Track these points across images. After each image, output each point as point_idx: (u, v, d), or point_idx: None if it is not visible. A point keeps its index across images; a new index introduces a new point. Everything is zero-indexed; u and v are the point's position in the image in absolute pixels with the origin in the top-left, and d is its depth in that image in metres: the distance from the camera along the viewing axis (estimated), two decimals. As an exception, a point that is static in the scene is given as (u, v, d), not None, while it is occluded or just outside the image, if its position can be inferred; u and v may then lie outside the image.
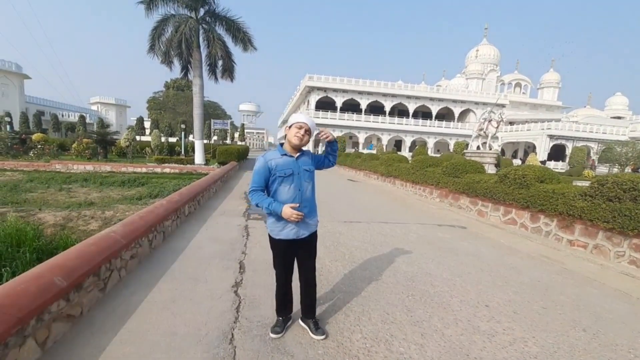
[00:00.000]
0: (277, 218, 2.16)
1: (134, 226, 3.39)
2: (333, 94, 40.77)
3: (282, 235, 2.17)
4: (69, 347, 2.04)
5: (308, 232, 2.22)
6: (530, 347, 2.34)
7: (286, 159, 2.16)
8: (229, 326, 2.36)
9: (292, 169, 2.14)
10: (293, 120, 2.15)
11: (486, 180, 7.21)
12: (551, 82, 56.65)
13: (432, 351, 2.21)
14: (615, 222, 4.45)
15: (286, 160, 2.16)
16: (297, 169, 2.16)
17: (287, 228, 2.16)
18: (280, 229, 2.17)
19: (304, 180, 2.18)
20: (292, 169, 2.14)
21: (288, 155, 2.17)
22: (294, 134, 2.13)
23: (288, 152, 2.18)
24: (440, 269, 3.85)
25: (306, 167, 2.21)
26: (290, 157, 2.17)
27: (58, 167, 15.87)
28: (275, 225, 2.18)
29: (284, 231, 2.16)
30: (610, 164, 30.70)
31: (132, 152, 20.88)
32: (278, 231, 2.18)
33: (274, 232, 2.20)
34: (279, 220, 2.16)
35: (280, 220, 2.15)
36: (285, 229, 2.16)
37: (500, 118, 17.43)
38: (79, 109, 53.88)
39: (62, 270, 2.23)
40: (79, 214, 7.48)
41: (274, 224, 2.18)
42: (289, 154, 2.18)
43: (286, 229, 2.16)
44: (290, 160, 2.16)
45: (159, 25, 16.00)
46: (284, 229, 2.16)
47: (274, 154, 2.19)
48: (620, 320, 2.85)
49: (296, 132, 2.12)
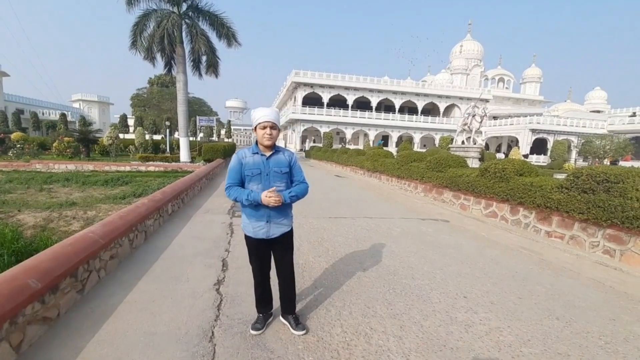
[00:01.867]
0: (248, 215, 2.16)
1: (114, 226, 3.34)
2: (320, 89, 40.69)
3: (252, 233, 2.18)
4: (45, 349, 2.01)
5: (279, 232, 2.21)
6: (505, 336, 2.42)
7: (256, 158, 2.14)
8: (210, 324, 2.36)
9: (260, 168, 2.13)
10: (256, 121, 2.11)
11: (468, 174, 7.35)
12: (533, 77, 57.85)
13: (410, 343, 2.26)
14: (589, 214, 4.61)
15: (255, 159, 2.14)
16: (265, 169, 2.13)
17: (257, 227, 2.15)
18: (252, 227, 2.17)
19: (273, 181, 2.14)
20: (259, 168, 2.12)
21: (260, 154, 2.15)
22: (262, 136, 2.11)
23: (260, 151, 2.16)
24: (422, 262, 3.92)
25: (277, 169, 2.16)
26: (261, 156, 2.15)
27: (38, 167, 15.39)
28: (246, 223, 2.20)
29: (254, 230, 2.17)
30: (589, 157, 31.67)
31: (115, 151, 20.41)
32: (250, 229, 2.18)
33: (247, 229, 2.21)
34: (250, 218, 2.16)
35: (250, 218, 2.16)
36: (256, 228, 2.16)
37: (483, 113, 17.74)
38: (60, 107, 52.12)
39: (37, 272, 2.19)
40: (60, 214, 7.30)
41: (246, 221, 2.19)
42: (260, 153, 2.16)
43: (256, 227, 2.16)
44: (259, 159, 2.14)
45: (141, 20, 15.63)
46: (254, 228, 2.16)
47: (246, 151, 2.18)
48: (592, 308, 2.96)
49: (263, 134, 2.10)
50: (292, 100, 45.40)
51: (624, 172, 4.51)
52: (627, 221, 4.13)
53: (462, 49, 56.98)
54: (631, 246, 4.16)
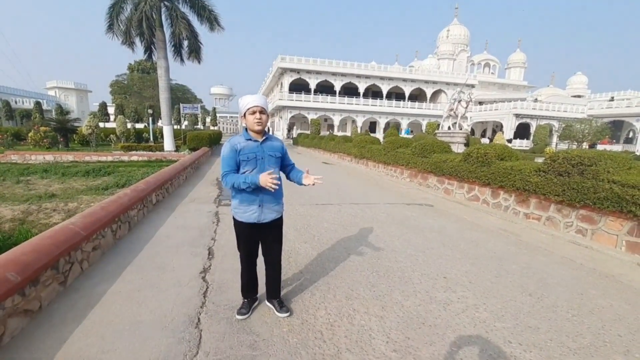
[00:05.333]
0: (240, 200, 2.18)
1: (95, 217, 3.29)
2: (307, 75, 40.13)
3: (243, 218, 2.20)
4: (27, 341, 2.01)
5: (271, 217, 2.25)
6: (481, 312, 2.55)
7: (250, 143, 2.16)
8: (196, 311, 2.40)
9: (256, 153, 2.15)
10: (244, 107, 2.12)
11: (452, 159, 7.49)
12: (518, 62, 58.50)
13: (390, 322, 2.36)
14: (564, 195, 4.80)
15: (250, 144, 2.16)
16: (260, 154, 2.17)
17: (249, 212, 2.18)
18: (243, 211, 2.19)
19: (268, 165, 2.18)
20: (255, 153, 2.15)
21: (253, 140, 2.17)
22: (252, 121, 2.12)
23: (252, 137, 2.18)
24: (405, 245, 4.04)
25: (271, 153, 2.21)
26: (254, 142, 2.17)
27: (14, 158, 14.85)
28: (238, 208, 2.21)
29: (245, 214, 2.19)
30: (569, 140, 32.55)
31: (95, 140, 19.82)
32: (241, 213, 2.20)
33: (237, 214, 2.23)
34: (242, 203, 2.18)
35: (243, 202, 2.18)
36: (247, 212, 2.19)
37: (469, 98, 17.94)
38: (34, 95, 49.85)
39: (16, 265, 2.16)
40: (40, 207, 7.12)
41: (237, 205, 2.21)
42: (253, 139, 2.18)
43: (248, 212, 2.18)
44: (254, 144, 2.17)
45: (117, 2, 14.96)
46: (245, 212, 2.19)
47: (239, 138, 2.19)
48: (563, 284, 3.13)
49: (253, 119, 2.12)
50: (278, 87, 44.73)
51: (597, 155, 4.69)
52: (598, 202, 4.32)
53: (448, 34, 56.86)
54: (601, 225, 4.37)
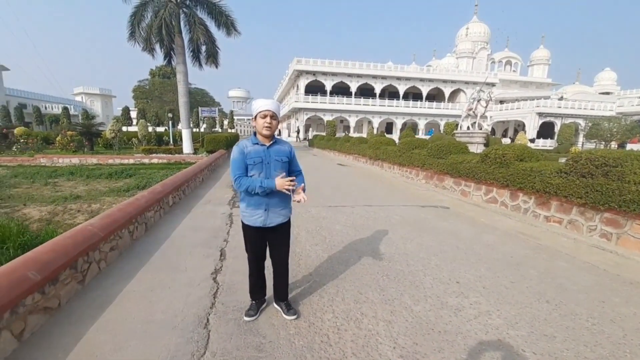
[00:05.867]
0: (247, 203, 2.21)
1: (112, 218, 3.41)
2: (322, 77, 40.23)
3: (250, 221, 2.23)
4: (46, 337, 2.10)
5: (277, 221, 2.26)
6: (493, 319, 2.47)
7: (257, 147, 2.19)
8: (205, 312, 2.44)
9: (262, 157, 2.17)
10: (256, 110, 2.15)
11: (469, 160, 7.31)
12: (541, 59, 56.58)
13: (399, 327, 2.32)
14: (588, 198, 4.59)
15: (257, 148, 2.18)
16: (267, 158, 2.18)
17: (255, 215, 2.21)
18: (249, 215, 2.22)
19: (274, 169, 2.19)
20: (261, 157, 2.17)
21: (260, 144, 2.20)
22: (262, 125, 2.14)
23: (260, 141, 2.21)
24: (418, 248, 3.97)
25: (278, 158, 2.22)
26: (261, 146, 2.19)
27: (43, 161, 15.63)
28: (245, 211, 2.24)
29: (252, 218, 2.22)
30: (596, 140, 31.14)
31: (118, 143, 20.60)
32: (248, 217, 2.24)
33: (245, 217, 2.26)
34: (248, 206, 2.21)
35: (249, 206, 2.21)
36: (254, 216, 2.21)
37: (488, 97, 17.49)
38: (62, 101, 52.36)
39: (37, 264, 2.27)
40: (65, 208, 7.45)
41: (245, 209, 2.24)
42: (260, 143, 2.20)
43: (254, 215, 2.21)
44: (261, 149, 2.19)
45: (138, 10, 15.52)
46: (252, 216, 2.22)
47: (246, 142, 2.22)
48: (584, 291, 2.99)
49: (263, 123, 2.14)
50: (294, 89, 45.02)
51: (623, 156, 4.46)
52: (624, 205, 4.11)
53: (468, 32, 55.69)
54: (628, 229, 4.15)
